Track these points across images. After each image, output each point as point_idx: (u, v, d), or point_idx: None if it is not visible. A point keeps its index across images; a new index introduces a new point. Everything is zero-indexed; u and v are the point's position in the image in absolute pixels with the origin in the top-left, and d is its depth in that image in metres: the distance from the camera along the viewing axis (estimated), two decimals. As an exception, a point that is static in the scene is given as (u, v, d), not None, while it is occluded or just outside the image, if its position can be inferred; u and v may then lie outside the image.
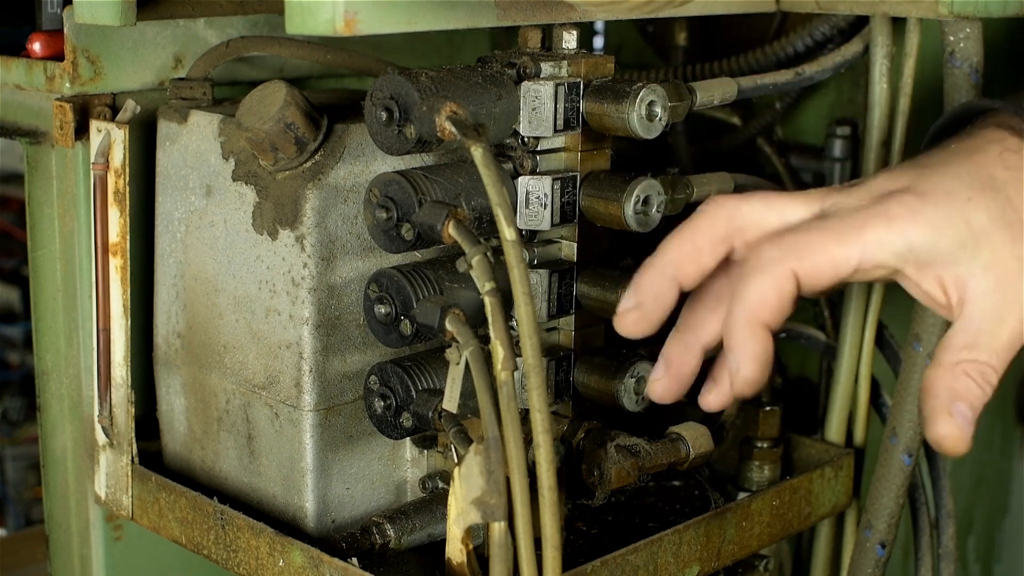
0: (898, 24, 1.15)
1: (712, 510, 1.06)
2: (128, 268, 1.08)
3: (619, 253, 1.04)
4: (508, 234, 0.83)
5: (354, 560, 0.94)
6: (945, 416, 0.84)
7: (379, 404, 0.98)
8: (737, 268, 0.88)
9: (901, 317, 1.15)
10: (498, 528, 0.84)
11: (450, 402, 0.94)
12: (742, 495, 1.13)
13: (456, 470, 0.86)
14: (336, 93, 1.21)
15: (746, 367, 0.84)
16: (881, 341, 1.21)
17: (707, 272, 0.89)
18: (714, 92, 1.07)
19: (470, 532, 0.89)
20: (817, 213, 0.87)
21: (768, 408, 1.17)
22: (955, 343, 0.85)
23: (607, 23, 1.54)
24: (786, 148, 1.36)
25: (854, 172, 1.31)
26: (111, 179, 1.08)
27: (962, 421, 0.85)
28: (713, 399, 0.91)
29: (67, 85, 1.10)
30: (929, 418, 0.85)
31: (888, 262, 0.83)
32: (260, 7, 1.19)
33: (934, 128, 1.01)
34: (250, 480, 1.06)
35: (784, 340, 1.27)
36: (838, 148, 1.30)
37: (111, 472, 1.12)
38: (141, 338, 1.13)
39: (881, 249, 0.83)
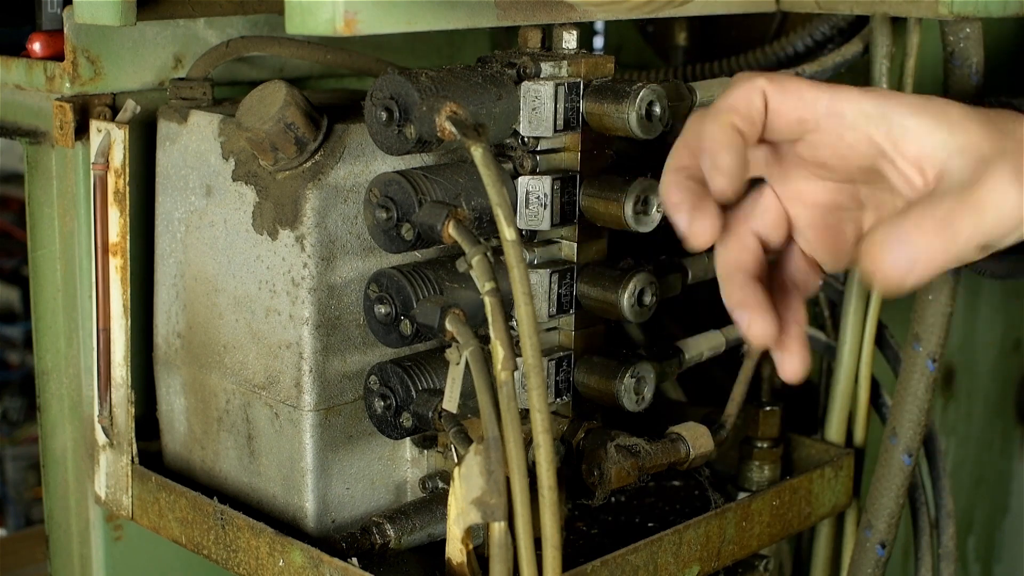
0: (898, 24, 1.15)
1: (712, 510, 1.06)
2: (128, 268, 1.08)
3: (619, 253, 1.04)
4: (508, 234, 0.83)
5: (354, 560, 0.94)
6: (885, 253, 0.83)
7: (379, 404, 0.98)
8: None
9: (901, 317, 1.15)
10: (498, 528, 0.84)
11: (450, 402, 0.94)
12: (742, 495, 1.13)
13: (456, 470, 0.86)
14: (336, 93, 1.21)
15: (715, 158, 0.83)
16: (881, 341, 1.21)
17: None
18: (714, 92, 1.07)
19: (470, 532, 0.89)
20: None
21: (768, 408, 1.17)
22: (934, 205, 0.83)
23: (607, 23, 1.54)
24: (786, 148, 1.36)
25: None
26: (111, 179, 1.08)
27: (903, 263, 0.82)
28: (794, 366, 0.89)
29: (67, 85, 1.10)
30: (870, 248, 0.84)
31: (857, 122, 0.84)
32: (260, 7, 1.19)
33: None
34: (250, 480, 1.06)
35: (784, 340, 1.27)
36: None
37: (111, 472, 1.12)
38: (141, 338, 1.13)
39: (851, 104, 0.84)
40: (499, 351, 0.83)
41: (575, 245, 1.02)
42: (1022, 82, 1.30)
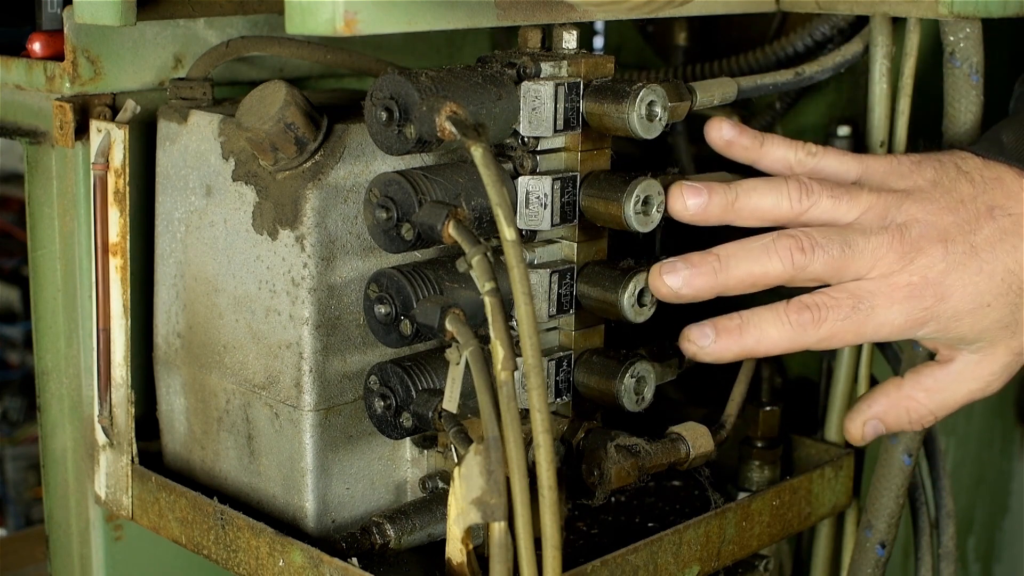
0: (898, 24, 1.15)
1: (712, 510, 1.06)
2: (128, 268, 1.08)
3: (619, 253, 1.04)
4: (508, 234, 0.83)
5: (354, 560, 0.94)
6: (859, 424, 1.08)
7: (379, 404, 0.98)
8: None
9: (901, 317, 1.15)
10: (498, 528, 0.84)
11: (450, 402, 0.94)
12: (742, 495, 1.13)
13: (456, 470, 0.86)
14: (336, 93, 1.21)
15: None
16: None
17: None
18: (714, 92, 1.07)
19: (470, 532, 0.89)
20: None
21: (768, 408, 1.16)
22: (922, 381, 1.06)
23: (607, 23, 1.54)
24: (786, 148, 1.36)
25: (854, 172, 1.30)
26: (111, 179, 1.08)
27: (870, 434, 1.08)
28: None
29: (67, 85, 1.10)
30: (852, 413, 1.09)
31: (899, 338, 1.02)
32: (260, 7, 1.19)
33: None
34: (250, 480, 1.06)
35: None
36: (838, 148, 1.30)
37: (111, 472, 1.12)
38: (141, 338, 1.13)
39: (892, 334, 1.01)
40: (499, 351, 0.83)
41: (575, 245, 1.02)
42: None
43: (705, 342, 0.99)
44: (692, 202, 0.99)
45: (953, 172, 1.01)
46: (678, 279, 0.98)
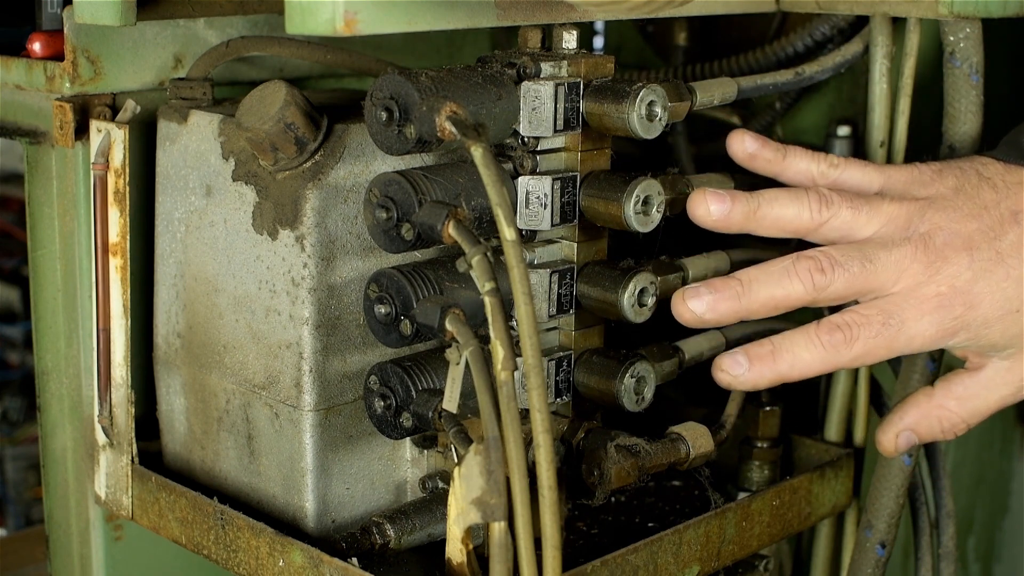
0: (898, 24, 1.15)
1: (712, 510, 1.06)
2: (128, 268, 1.08)
3: (619, 253, 1.04)
4: (508, 234, 0.83)
5: (354, 560, 0.94)
6: (892, 436, 1.07)
7: (379, 404, 0.98)
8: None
9: (901, 317, 1.15)
10: (498, 528, 0.84)
11: (450, 402, 0.94)
12: (742, 495, 1.13)
13: (456, 470, 0.86)
14: (336, 93, 1.21)
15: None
16: (881, 341, 1.21)
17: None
18: (714, 92, 1.07)
19: (470, 532, 0.89)
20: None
21: (768, 408, 1.17)
22: (953, 390, 1.05)
23: (607, 23, 1.54)
24: (786, 148, 1.36)
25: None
26: (111, 179, 1.08)
27: (903, 445, 1.07)
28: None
29: (67, 85, 1.10)
30: (885, 425, 1.08)
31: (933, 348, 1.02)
32: (260, 7, 1.19)
33: None
34: (250, 480, 1.06)
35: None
36: (838, 148, 1.30)
37: (111, 472, 1.12)
38: (141, 338, 1.13)
39: (925, 345, 1.00)
40: (499, 351, 0.83)
41: (575, 245, 1.02)
42: (1022, 82, 1.30)
43: (739, 371, 0.99)
44: (715, 208, 0.99)
45: (975, 178, 1.01)
46: (702, 304, 0.98)
